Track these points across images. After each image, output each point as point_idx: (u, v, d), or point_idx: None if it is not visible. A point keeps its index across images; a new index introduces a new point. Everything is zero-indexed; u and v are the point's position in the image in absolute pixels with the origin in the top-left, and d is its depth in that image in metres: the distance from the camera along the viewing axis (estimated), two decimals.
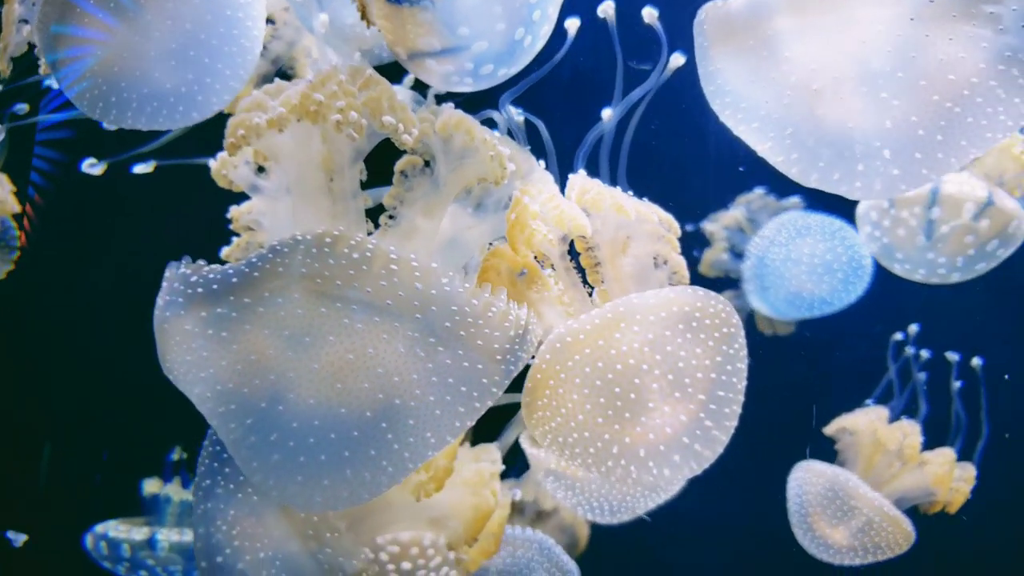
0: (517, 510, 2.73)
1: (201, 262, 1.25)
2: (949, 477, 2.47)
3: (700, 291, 1.33)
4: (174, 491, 2.36)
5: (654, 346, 1.29)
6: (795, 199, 2.92)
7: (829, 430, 2.61)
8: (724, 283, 3.01)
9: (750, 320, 3.04)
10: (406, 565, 1.66)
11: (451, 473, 1.49)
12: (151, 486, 2.36)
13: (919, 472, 2.49)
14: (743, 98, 1.25)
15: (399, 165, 1.43)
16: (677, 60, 1.53)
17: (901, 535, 2.43)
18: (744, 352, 1.33)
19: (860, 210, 1.89)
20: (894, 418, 2.67)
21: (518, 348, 1.24)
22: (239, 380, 1.20)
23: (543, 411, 1.33)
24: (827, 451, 2.68)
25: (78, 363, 2.71)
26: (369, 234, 1.44)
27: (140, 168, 1.76)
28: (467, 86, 1.50)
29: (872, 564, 2.54)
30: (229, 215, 1.49)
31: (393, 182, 1.44)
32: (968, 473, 2.57)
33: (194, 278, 1.22)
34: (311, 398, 1.19)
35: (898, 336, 2.75)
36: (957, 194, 1.76)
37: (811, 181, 1.22)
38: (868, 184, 1.17)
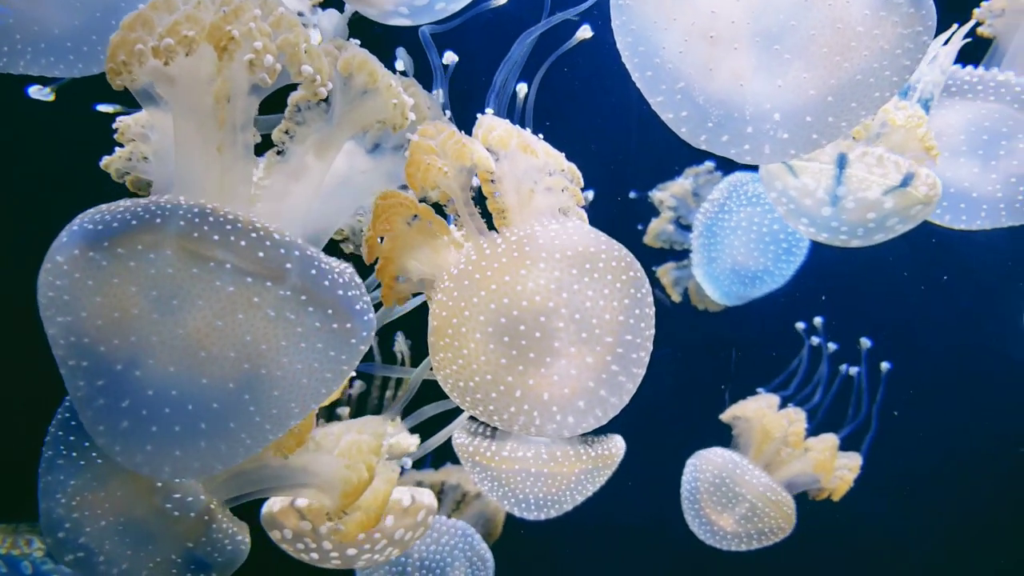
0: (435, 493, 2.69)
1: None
2: (830, 463, 2.50)
3: (602, 236, 1.31)
4: None
5: (561, 284, 1.26)
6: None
7: (725, 417, 2.64)
8: (668, 255, 3.01)
9: (684, 293, 3.02)
10: (350, 551, 1.69)
11: (309, 428, 1.46)
12: None
13: (805, 458, 2.53)
14: (642, 40, 1.24)
15: (294, 98, 1.36)
16: (584, 32, 1.51)
17: (783, 518, 2.47)
18: (651, 299, 1.32)
19: (763, 175, 1.88)
20: (813, 409, 2.70)
21: (364, 297, 1.22)
22: (96, 336, 1.13)
23: (445, 352, 1.30)
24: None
25: None
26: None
27: (104, 108, 1.66)
28: (403, 18, 1.44)
29: (760, 550, 2.56)
30: (116, 125, 1.40)
31: (284, 115, 1.36)
32: (854, 462, 2.62)
33: (97, 215, 1.17)
34: (172, 366, 1.13)
35: (800, 325, 2.77)
36: (866, 174, 1.76)
37: (700, 142, 1.19)
38: (757, 148, 1.16)
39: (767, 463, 2.55)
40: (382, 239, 1.37)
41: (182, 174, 1.25)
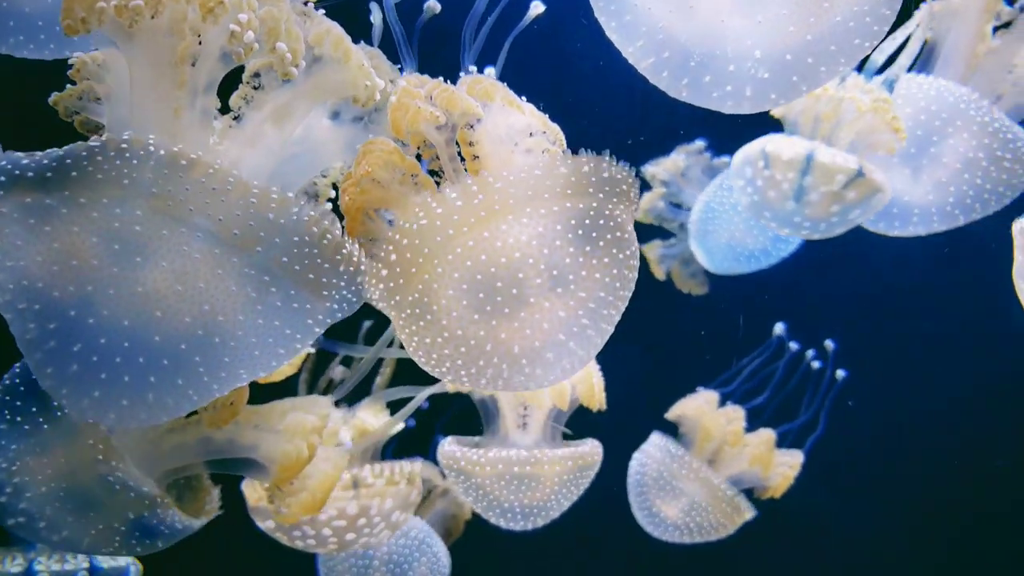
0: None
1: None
2: (766, 457, 2.45)
3: (595, 193, 1.25)
4: None
5: (543, 239, 1.22)
6: (725, 159, 2.89)
7: (670, 415, 2.59)
8: (657, 232, 2.96)
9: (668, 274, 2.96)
10: (349, 536, 1.71)
11: (243, 401, 1.45)
12: None
13: (743, 454, 2.48)
14: None
15: (254, 64, 1.31)
16: (536, 9, 1.50)
17: (724, 515, 2.40)
18: (634, 262, 1.28)
19: (736, 163, 1.87)
20: (758, 408, 2.67)
21: (345, 287, 1.22)
22: (51, 281, 1.10)
23: (412, 309, 1.24)
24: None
25: None
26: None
27: None
28: None
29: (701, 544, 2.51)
30: (71, 61, 1.32)
31: (243, 79, 1.32)
32: (795, 459, 2.58)
33: (26, 160, 1.11)
34: (126, 319, 1.12)
35: (780, 331, 2.73)
36: (831, 164, 1.78)
37: (681, 87, 1.17)
38: (739, 90, 1.14)
39: (710, 461, 2.50)
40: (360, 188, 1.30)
41: (136, 131, 1.20)
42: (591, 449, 2.12)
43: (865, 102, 1.77)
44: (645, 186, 2.90)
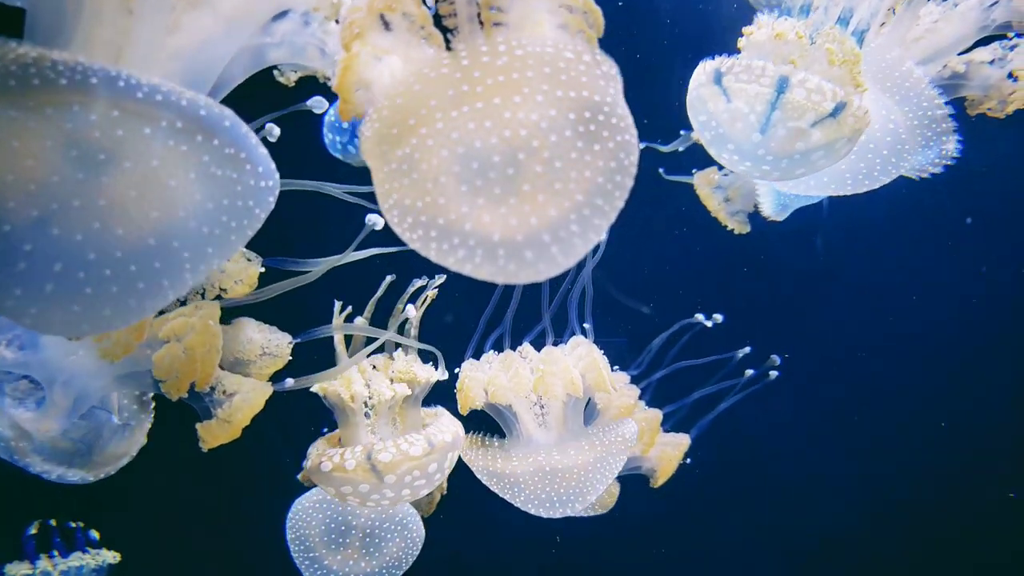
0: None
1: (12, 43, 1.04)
2: (647, 435, 2.38)
3: (609, 87, 1.18)
4: (48, 565, 2.14)
5: (553, 124, 1.13)
6: None
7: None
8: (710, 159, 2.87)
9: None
10: (425, 490, 1.70)
11: (141, 336, 1.45)
12: (16, 569, 2.11)
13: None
14: None
15: None
16: None
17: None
18: (634, 170, 1.20)
19: (692, 99, 1.81)
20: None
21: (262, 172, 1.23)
22: (27, 200, 1.03)
23: (400, 163, 1.14)
24: None
25: None
26: None
27: None
28: None
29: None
30: None
31: None
32: (681, 441, 2.54)
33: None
34: (120, 228, 1.08)
35: (699, 317, 2.69)
36: (803, 100, 1.71)
37: None
38: None
39: None
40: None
41: (85, 28, 1.14)
42: (622, 435, 2.03)
43: (839, 54, 1.73)
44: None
